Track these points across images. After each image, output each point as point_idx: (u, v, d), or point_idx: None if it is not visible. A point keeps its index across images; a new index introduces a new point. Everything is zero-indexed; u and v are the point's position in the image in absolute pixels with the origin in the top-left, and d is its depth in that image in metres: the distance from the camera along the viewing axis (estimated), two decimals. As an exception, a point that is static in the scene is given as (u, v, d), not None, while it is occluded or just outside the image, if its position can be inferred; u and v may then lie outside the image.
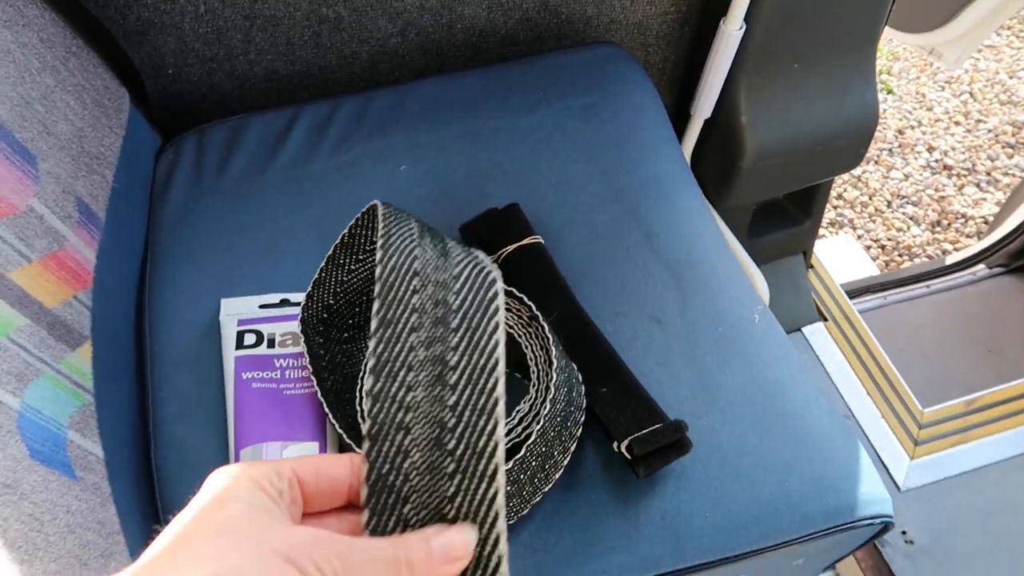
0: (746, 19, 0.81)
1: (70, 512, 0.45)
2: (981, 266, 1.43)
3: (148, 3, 0.72)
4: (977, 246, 1.44)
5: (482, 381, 0.28)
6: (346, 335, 0.61)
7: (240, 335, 0.62)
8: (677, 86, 0.97)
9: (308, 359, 0.58)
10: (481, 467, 0.28)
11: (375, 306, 0.28)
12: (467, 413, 0.28)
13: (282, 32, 0.79)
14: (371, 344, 0.27)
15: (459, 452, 0.28)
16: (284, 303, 0.64)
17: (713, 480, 0.56)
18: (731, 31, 0.81)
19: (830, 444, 0.58)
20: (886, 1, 0.85)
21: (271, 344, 0.61)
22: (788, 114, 0.90)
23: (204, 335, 0.63)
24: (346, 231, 0.54)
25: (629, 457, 0.54)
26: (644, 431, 0.53)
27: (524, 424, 0.53)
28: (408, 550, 0.28)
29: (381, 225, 0.30)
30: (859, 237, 1.80)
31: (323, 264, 0.57)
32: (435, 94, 0.77)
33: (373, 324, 0.28)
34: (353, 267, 0.57)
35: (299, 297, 0.65)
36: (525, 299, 0.56)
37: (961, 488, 1.03)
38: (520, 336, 0.57)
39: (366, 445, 0.27)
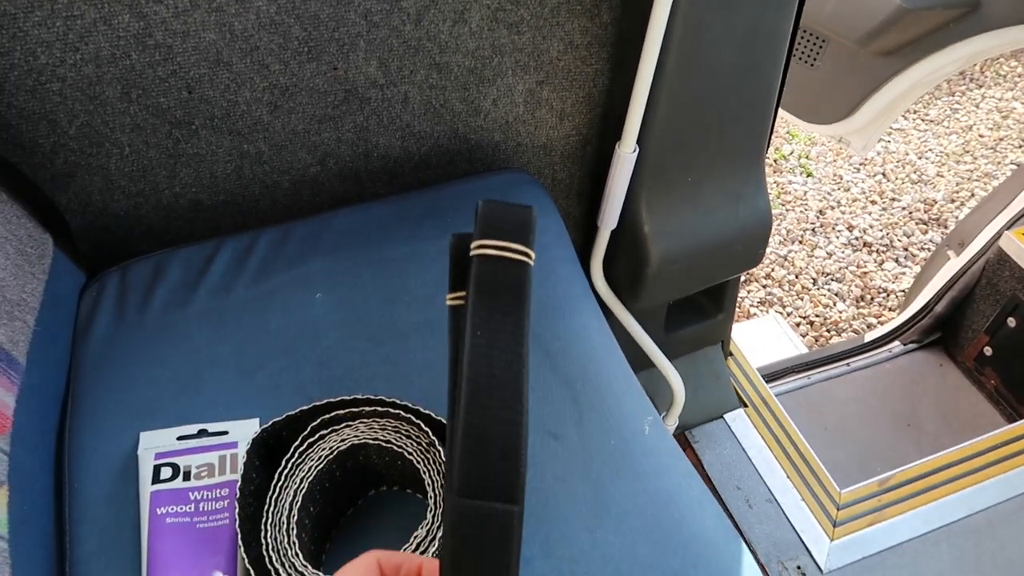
0: (639, 142, 0.88)
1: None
2: (896, 343, 1.51)
3: (74, 148, 0.77)
4: (891, 324, 1.52)
5: None
6: (274, 464, 0.64)
7: (156, 469, 0.64)
8: (584, 200, 1.04)
9: (240, 482, 0.60)
10: None
11: None
12: None
13: (205, 167, 0.84)
14: None
15: None
16: (202, 433, 0.67)
17: (606, 592, 0.59)
18: (625, 154, 0.88)
19: (714, 549, 0.62)
20: (767, 120, 0.93)
21: (187, 477, 0.64)
22: (688, 223, 0.96)
23: (124, 469, 0.66)
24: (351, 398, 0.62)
25: (523, 575, 0.57)
26: (536, 550, 0.57)
27: (421, 548, 0.56)
28: None
29: None
30: (788, 314, 1.87)
31: (307, 407, 0.61)
32: (351, 223, 0.82)
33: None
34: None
35: (218, 427, 0.68)
36: (422, 425, 0.60)
37: (879, 568, 1.07)
38: (419, 462, 0.61)
39: None
